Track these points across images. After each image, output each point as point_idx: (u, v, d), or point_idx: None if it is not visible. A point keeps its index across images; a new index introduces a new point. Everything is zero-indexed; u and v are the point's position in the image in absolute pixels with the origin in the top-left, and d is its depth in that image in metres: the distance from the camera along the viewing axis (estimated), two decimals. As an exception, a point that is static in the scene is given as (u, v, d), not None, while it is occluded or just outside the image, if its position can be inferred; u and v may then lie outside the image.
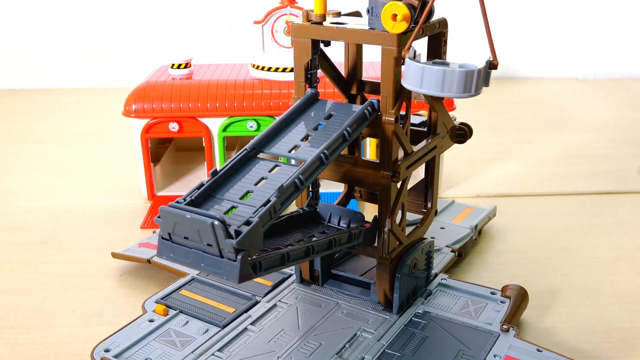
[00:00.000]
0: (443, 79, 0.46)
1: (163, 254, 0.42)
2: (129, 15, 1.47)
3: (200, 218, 0.39)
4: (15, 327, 0.60)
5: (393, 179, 0.52)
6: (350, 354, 0.51)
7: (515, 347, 0.51)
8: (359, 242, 0.53)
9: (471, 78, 0.45)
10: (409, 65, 0.47)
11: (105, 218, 0.82)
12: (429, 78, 0.46)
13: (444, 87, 0.46)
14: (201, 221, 0.38)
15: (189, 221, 0.39)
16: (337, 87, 0.58)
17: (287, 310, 0.57)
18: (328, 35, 0.51)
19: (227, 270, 0.39)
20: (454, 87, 0.46)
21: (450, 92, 0.46)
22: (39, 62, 1.49)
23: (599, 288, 0.65)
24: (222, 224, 0.38)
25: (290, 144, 0.49)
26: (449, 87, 0.46)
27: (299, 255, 0.47)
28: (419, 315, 0.56)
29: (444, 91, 0.46)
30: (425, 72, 0.46)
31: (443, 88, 0.46)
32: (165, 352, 0.51)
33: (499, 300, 0.58)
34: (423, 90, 0.47)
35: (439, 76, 0.46)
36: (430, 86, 0.46)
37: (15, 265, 0.71)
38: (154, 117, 0.81)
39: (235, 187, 0.45)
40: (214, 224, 0.38)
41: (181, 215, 0.39)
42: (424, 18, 0.48)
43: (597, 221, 0.80)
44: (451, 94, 0.46)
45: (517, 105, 1.31)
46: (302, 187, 0.44)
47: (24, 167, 1.00)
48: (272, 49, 0.85)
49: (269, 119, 0.82)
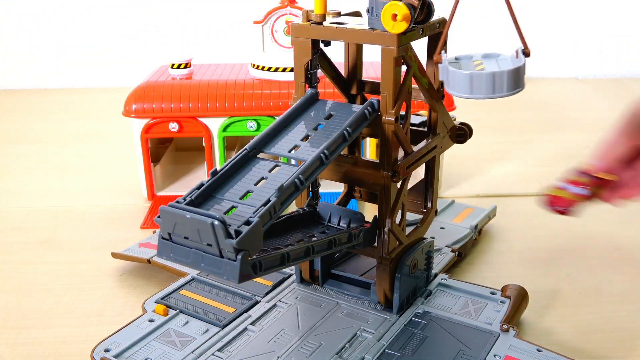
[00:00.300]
0: (494, 81, 0.45)
1: (163, 254, 0.42)
2: (129, 15, 1.46)
3: (200, 218, 0.39)
4: (15, 327, 0.60)
5: (393, 179, 0.52)
6: (350, 354, 0.51)
7: (515, 347, 0.51)
8: (359, 242, 0.53)
9: (519, 73, 0.45)
10: (453, 74, 0.46)
11: (105, 218, 0.82)
12: (479, 83, 0.45)
13: (495, 89, 0.45)
14: (201, 221, 0.38)
15: (189, 221, 0.39)
16: (337, 87, 0.58)
17: (287, 310, 0.57)
18: (328, 35, 0.51)
19: (227, 270, 0.39)
20: (504, 87, 0.45)
21: (501, 92, 0.45)
22: (39, 62, 1.49)
23: (599, 288, 0.65)
24: (222, 224, 0.38)
25: (290, 144, 0.49)
26: (500, 88, 0.45)
27: (299, 255, 0.47)
28: (419, 315, 0.56)
29: (495, 93, 0.45)
30: (474, 78, 0.45)
31: (494, 90, 0.45)
32: (165, 352, 0.51)
33: (499, 300, 0.58)
34: (474, 96, 0.46)
35: (489, 79, 0.45)
36: (481, 91, 0.45)
37: (15, 265, 0.71)
38: (154, 117, 0.81)
39: (235, 187, 0.45)
40: (214, 224, 0.38)
41: (181, 215, 0.39)
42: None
43: (597, 221, 0.80)
44: (503, 94, 0.45)
45: (517, 105, 1.30)
46: (302, 187, 0.44)
47: (24, 167, 1.00)
48: (272, 49, 0.85)
49: (269, 119, 0.82)
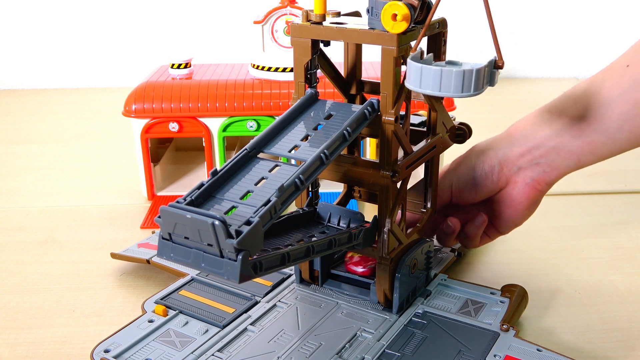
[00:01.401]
0: (440, 78, 0.45)
1: (163, 254, 0.42)
2: (129, 15, 1.46)
3: (201, 218, 0.38)
4: (15, 327, 0.60)
5: (393, 179, 0.52)
6: (351, 354, 0.51)
7: (515, 346, 0.51)
8: (359, 242, 0.53)
9: (469, 78, 0.45)
10: (409, 66, 0.47)
11: (105, 218, 0.82)
12: (427, 78, 0.46)
13: (442, 87, 0.46)
14: (202, 221, 0.38)
15: (190, 221, 0.39)
16: (337, 87, 0.58)
17: (286, 311, 0.57)
18: (328, 35, 0.51)
19: (228, 270, 0.39)
20: (451, 87, 0.46)
21: (447, 92, 0.46)
22: (39, 62, 1.49)
23: (599, 288, 0.65)
24: (222, 224, 0.38)
25: (290, 144, 0.49)
26: (447, 87, 0.46)
27: (299, 255, 0.47)
28: (419, 315, 0.56)
29: (441, 91, 0.46)
30: (423, 72, 0.46)
31: (441, 88, 0.46)
32: (165, 352, 0.51)
33: (498, 300, 0.58)
34: (422, 90, 0.47)
35: (436, 76, 0.46)
36: (428, 86, 0.46)
37: (15, 265, 0.71)
38: (154, 117, 0.81)
39: (236, 187, 0.45)
40: (215, 224, 0.38)
41: (182, 215, 0.39)
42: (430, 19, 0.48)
43: (597, 221, 0.80)
44: (449, 94, 0.46)
45: (517, 105, 1.30)
46: (303, 187, 0.44)
47: (24, 167, 1.00)
48: (272, 49, 0.85)
49: (269, 119, 0.82)
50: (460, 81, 0.45)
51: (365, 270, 0.58)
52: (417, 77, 0.46)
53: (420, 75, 0.46)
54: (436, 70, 0.45)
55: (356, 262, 0.58)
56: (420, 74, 0.46)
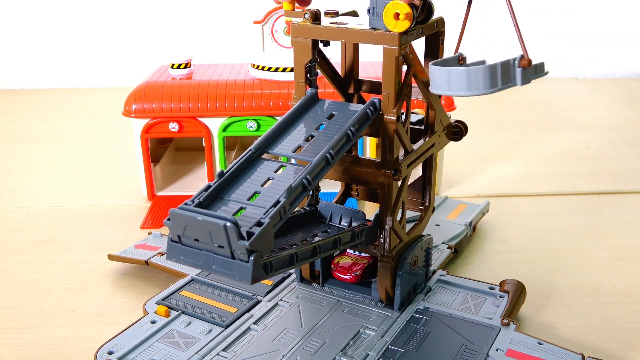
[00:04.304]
0: (477, 77, 0.45)
1: (173, 257, 0.42)
2: (129, 15, 1.46)
3: (213, 220, 0.38)
4: (15, 327, 0.60)
5: (394, 177, 0.52)
6: (355, 351, 0.51)
7: (517, 340, 0.52)
8: (362, 241, 0.53)
9: (493, 72, 0.45)
10: (436, 71, 0.46)
11: (105, 218, 0.82)
12: (477, 78, 0.45)
13: (471, 87, 0.45)
14: (213, 223, 0.38)
15: (200, 223, 0.39)
16: (335, 86, 0.58)
17: (289, 309, 0.57)
18: (329, 36, 0.51)
19: (240, 272, 0.39)
20: (480, 85, 0.45)
21: (477, 90, 0.45)
22: (39, 62, 1.49)
23: (599, 288, 0.65)
24: (234, 226, 0.38)
25: (294, 144, 0.49)
26: (476, 86, 0.45)
27: (307, 255, 0.47)
28: (420, 311, 0.56)
29: (471, 90, 0.45)
30: (471, 73, 0.45)
31: (491, 84, 0.45)
32: (169, 353, 0.51)
33: (497, 295, 0.58)
34: (451, 92, 0.46)
35: (464, 76, 0.45)
36: (479, 86, 0.45)
37: (15, 265, 0.71)
38: (154, 117, 0.81)
39: (242, 189, 0.45)
40: (227, 226, 0.38)
41: (192, 217, 0.39)
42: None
43: (597, 221, 0.80)
44: (479, 92, 0.45)
45: (517, 105, 1.31)
46: (310, 187, 0.44)
47: (24, 167, 1.00)
48: (272, 49, 0.85)
49: (269, 119, 0.82)
50: (489, 77, 0.44)
51: (351, 277, 0.58)
52: (464, 80, 0.45)
53: (449, 78, 0.45)
54: (463, 71, 0.45)
55: (342, 270, 0.58)
56: (449, 77, 0.45)
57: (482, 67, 0.44)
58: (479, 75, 0.44)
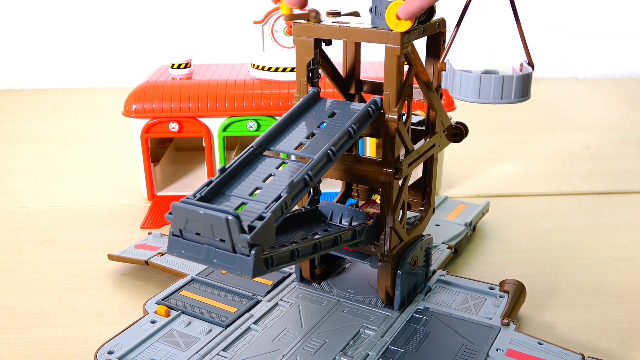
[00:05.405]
0: (502, 85, 0.45)
1: (174, 251, 0.42)
2: (129, 15, 1.46)
3: (215, 213, 0.38)
4: (15, 327, 0.60)
5: (395, 176, 0.52)
6: (355, 351, 0.51)
7: (517, 340, 0.52)
8: (362, 239, 0.53)
9: (527, 81, 0.46)
10: (461, 77, 0.47)
11: (105, 218, 0.82)
12: (487, 87, 0.46)
13: (503, 95, 0.46)
14: (215, 216, 0.38)
15: (202, 217, 0.39)
16: (336, 86, 0.58)
17: (289, 309, 0.57)
18: (331, 35, 0.52)
19: (241, 266, 0.39)
20: (512, 93, 0.46)
21: (509, 98, 0.46)
22: (39, 62, 1.49)
23: (599, 288, 0.65)
24: (236, 219, 0.38)
25: (295, 141, 0.49)
26: (508, 94, 0.46)
27: (307, 252, 0.47)
28: (420, 311, 0.56)
29: (503, 98, 0.46)
30: (482, 81, 0.45)
31: (502, 95, 0.46)
32: (169, 352, 0.51)
33: (497, 295, 0.58)
34: (481, 100, 0.46)
35: (497, 83, 0.46)
36: (489, 95, 0.46)
37: (15, 265, 0.71)
38: (154, 117, 0.81)
39: (244, 184, 0.45)
40: (229, 219, 0.38)
41: (194, 211, 0.39)
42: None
43: (597, 221, 0.80)
44: (510, 100, 0.46)
45: (517, 106, 1.30)
46: (312, 183, 0.44)
47: (24, 167, 1.00)
48: (272, 49, 0.85)
49: (269, 119, 0.82)
50: (521, 85, 0.45)
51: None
52: (475, 87, 0.46)
53: (479, 85, 0.46)
54: (498, 78, 0.45)
55: None
56: (479, 83, 0.46)
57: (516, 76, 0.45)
58: (512, 84, 0.45)
